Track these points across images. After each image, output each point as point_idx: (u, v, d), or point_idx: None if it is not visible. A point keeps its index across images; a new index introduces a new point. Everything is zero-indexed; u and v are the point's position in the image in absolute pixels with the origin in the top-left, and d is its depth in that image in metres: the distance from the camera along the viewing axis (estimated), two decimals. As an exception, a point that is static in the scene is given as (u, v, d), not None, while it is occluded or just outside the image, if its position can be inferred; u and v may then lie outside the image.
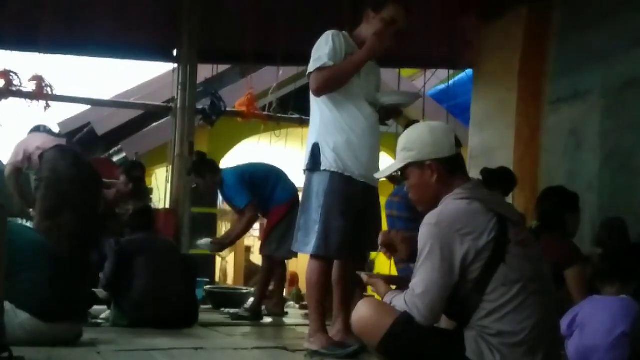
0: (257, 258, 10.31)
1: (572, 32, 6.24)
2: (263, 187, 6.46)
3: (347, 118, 4.24)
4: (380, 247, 3.17)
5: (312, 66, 4.22)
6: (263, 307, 6.58)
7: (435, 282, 2.63)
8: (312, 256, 4.24)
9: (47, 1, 6.68)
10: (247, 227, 6.66)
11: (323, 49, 4.20)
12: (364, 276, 3.13)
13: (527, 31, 6.61)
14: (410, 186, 2.94)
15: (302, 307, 7.55)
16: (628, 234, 4.76)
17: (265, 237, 6.56)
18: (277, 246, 6.32)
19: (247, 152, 9.90)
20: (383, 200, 5.00)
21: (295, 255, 6.16)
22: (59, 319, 4.09)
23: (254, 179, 6.46)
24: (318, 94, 4.26)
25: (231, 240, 6.84)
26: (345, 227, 4.15)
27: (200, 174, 6.56)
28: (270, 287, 6.79)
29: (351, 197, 4.19)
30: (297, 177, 5.33)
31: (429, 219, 2.70)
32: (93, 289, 5.69)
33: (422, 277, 2.66)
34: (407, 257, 3.06)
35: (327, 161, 4.19)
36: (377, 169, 4.13)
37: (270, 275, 6.64)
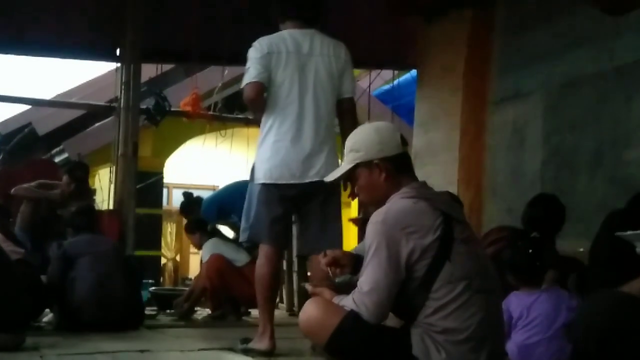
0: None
1: (515, 33, 6.31)
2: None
3: None
4: (327, 266, 3.05)
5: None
6: None
7: (382, 279, 2.63)
8: None
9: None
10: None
11: None
12: (308, 286, 3.09)
13: (471, 32, 6.66)
14: (360, 187, 2.94)
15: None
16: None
17: None
18: None
19: (192, 153, 9.86)
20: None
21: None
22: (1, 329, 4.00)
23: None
24: None
25: None
26: None
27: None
28: None
29: None
30: (243, 176, 5.23)
31: (376, 217, 2.71)
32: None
33: (369, 275, 2.66)
34: (351, 271, 3.04)
35: None
36: None
37: None
